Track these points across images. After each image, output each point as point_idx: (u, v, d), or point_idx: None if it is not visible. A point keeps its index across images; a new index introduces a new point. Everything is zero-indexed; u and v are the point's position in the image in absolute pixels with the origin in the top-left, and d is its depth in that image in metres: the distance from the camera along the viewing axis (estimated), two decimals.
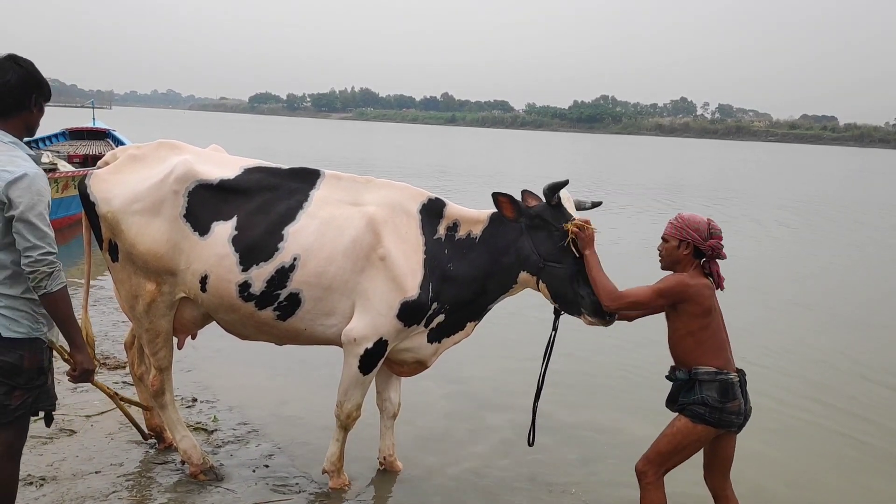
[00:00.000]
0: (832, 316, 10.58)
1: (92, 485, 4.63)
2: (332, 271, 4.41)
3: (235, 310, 4.51)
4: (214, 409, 5.97)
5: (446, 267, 4.51)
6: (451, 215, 4.60)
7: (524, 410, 4.65)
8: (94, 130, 21.35)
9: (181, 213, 4.46)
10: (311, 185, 4.62)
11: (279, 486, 4.84)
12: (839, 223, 21.62)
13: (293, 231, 4.43)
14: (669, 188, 31.39)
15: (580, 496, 4.98)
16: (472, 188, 25.29)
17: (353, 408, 4.66)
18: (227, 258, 4.42)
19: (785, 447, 5.98)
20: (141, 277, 4.54)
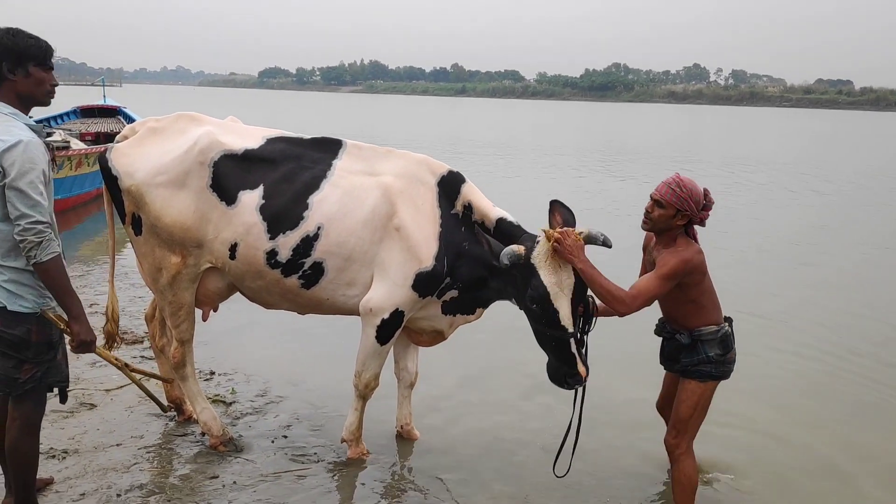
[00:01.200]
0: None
1: (113, 457, 4.69)
2: (352, 241, 4.45)
3: (262, 276, 4.55)
4: (232, 381, 6.01)
5: (461, 245, 4.52)
6: (466, 195, 4.57)
7: (541, 381, 4.64)
8: (105, 108, 21.32)
9: (207, 184, 4.48)
10: (334, 154, 4.65)
11: (298, 455, 4.89)
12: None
13: (317, 200, 4.47)
14: (682, 156, 31.12)
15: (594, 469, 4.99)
16: (482, 159, 25.17)
17: (371, 378, 4.70)
18: (255, 227, 4.46)
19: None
20: (165, 250, 4.56)
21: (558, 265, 4.06)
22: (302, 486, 4.51)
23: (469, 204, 4.56)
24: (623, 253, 5.25)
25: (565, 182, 20.13)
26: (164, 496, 4.28)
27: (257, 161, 4.56)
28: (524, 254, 4.10)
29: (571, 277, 4.07)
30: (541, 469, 4.84)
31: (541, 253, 4.07)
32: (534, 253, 4.09)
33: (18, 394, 3.55)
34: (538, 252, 4.08)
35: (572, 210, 4.35)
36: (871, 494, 4.81)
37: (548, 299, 4.06)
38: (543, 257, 4.06)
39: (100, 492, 4.27)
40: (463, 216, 4.56)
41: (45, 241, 3.34)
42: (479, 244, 4.51)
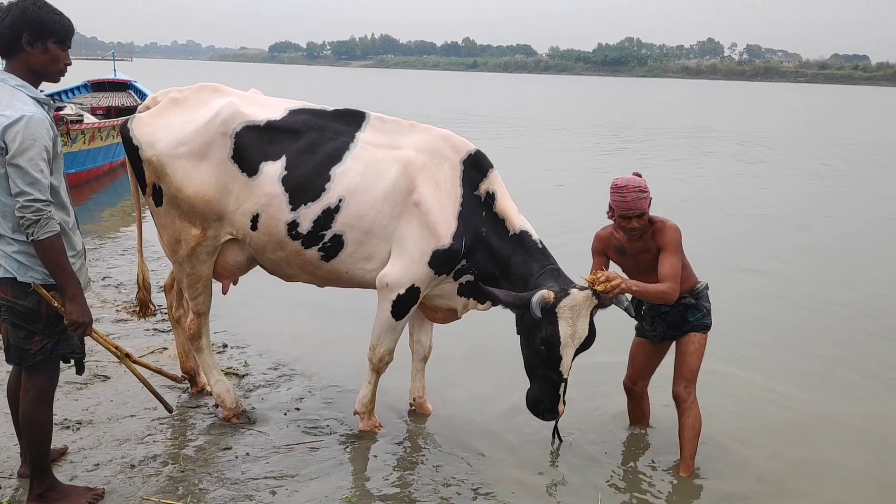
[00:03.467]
0: None
1: (127, 428, 4.71)
2: (372, 215, 4.42)
3: (283, 247, 4.53)
4: (245, 354, 6.02)
5: (480, 229, 4.49)
6: (492, 182, 4.55)
7: None
8: (116, 82, 21.30)
9: (229, 155, 4.45)
10: (357, 126, 4.61)
11: (311, 428, 4.90)
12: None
13: (339, 172, 4.44)
14: (697, 132, 30.87)
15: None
16: (494, 133, 25.02)
17: (386, 352, 4.70)
18: (277, 197, 4.43)
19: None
20: (185, 222, 4.53)
21: (578, 317, 4.17)
22: (314, 458, 4.52)
23: (493, 193, 4.52)
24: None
25: (578, 160, 20.00)
26: (177, 466, 4.30)
27: (280, 132, 4.52)
28: (551, 302, 4.12)
29: (586, 330, 4.23)
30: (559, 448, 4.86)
31: (566, 306, 4.14)
32: (560, 304, 4.14)
33: (30, 364, 3.56)
34: (564, 304, 4.14)
35: None
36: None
37: (557, 347, 4.20)
38: (568, 310, 4.15)
39: (114, 462, 4.30)
40: (485, 202, 4.52)
41: (42, 220, 3.29)
42: (497, 237, 4.48)
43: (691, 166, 19.17)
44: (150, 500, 3.94)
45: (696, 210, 12.75)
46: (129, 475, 4.17)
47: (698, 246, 5.25)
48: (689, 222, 11.47)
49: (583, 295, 4.16)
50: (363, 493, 4.19)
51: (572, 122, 33.14)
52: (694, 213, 12.27)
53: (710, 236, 10.49)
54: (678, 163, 19.70)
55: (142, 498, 3.96)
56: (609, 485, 4.45)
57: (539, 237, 4.54)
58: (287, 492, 4.14)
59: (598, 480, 4.47)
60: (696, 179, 16.84)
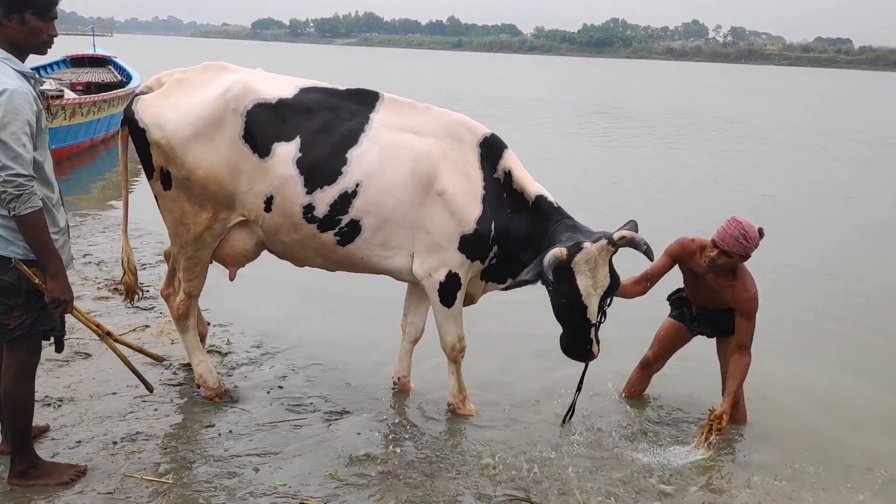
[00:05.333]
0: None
1: (109, 405, 4.70)
2: (390, 203, 4.39)
3: (298, 230, 4.46)
4: (227, 332, 6.01)
5: (505, 211, 4.49)
6: (507, 161, 4.54)
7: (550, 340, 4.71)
8: (96, 57, 20.99)
9: (240, 135, 4.31)
10: (371, 107, 4.54)
11: (294, 406, 4.90)
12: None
13: (356, 155, 4.38)
14: (683, 115, 30.95)
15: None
16: (482, 113, 24.95)
17: (455, 340, 4.74)
18: (291, 180, 4.34)
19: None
20: (195, 205, 4.40)
21: (596, 268, 4.19)
22: (298, 436, 4.53)
23: (510, 171, 4.52)
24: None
25: (564, 143, 20.01)
26: (160, 444, 4.29)
27: (292, 110, 4.39)
28: (565, 259, 4.12)
29: (608, 278, 4.25)
30: (536, 423, 4.90)
31: (581, 260, 4.15)
32: (575, 259, 4.14)
33: (10, 340, 3.53)
34: (579, 258, 4.15)
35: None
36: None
37: (580, 299, 4.22)
38: (584, 263, 4.16)
39: (96, 439, 4.28)
40: (504, 182, 4.52)
41: (24, 195, 3.24)
42: (519, 214, 4.49)
43: (690, 151, 19.24)
44: (132, 477, 3.94)
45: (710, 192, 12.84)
46: (112, 452, 4.17)
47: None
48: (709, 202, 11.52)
49: (597, 246, 4.17)
50: (347, 470, 4.20)
51: (559, 104, 33.08)
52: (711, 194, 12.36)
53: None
54: (670, 146, 19.77)
55: (124, 475, 3.96)
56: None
57: (554, 199, 4.54)
58: (270, 469, 4.15)
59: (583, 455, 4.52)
60: (705, 163, 16.93)
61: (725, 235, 4.45)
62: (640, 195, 12.61)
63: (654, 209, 11.26)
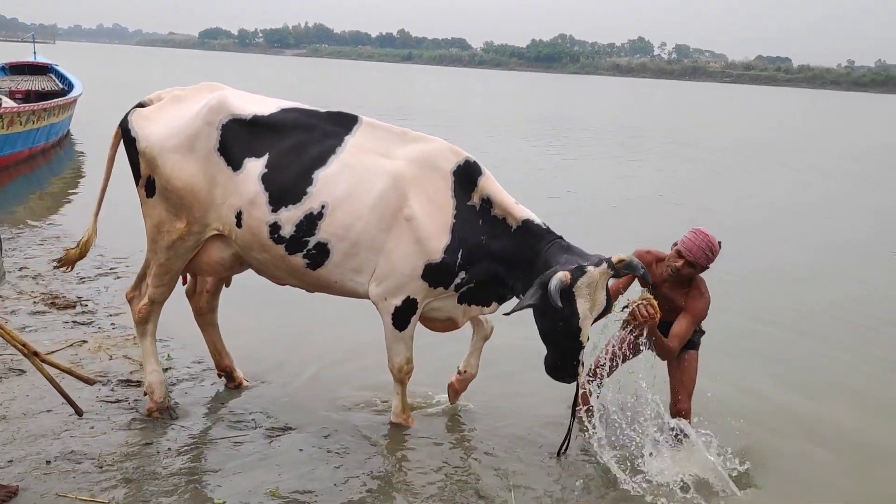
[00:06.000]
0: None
1: (43, 423, 4.58)
2: (359, 226, 4.36)
3: (267, 250, 4.47)
4: (168, 347, 5.90)
5: (479, 238, 4.43)
6: (484, 189, 4.46)
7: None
8: (36, 65, 20.62)
9: (215, 147, 4.44)
10: (347, 130, 4.53)
11: (235, 422, 4.85)
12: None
13: (323, 176, 4.38)
14: (628, 130, 31.50)
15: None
16: (432, 128, 24.99)
17: (403, 362, 4.70)
18: (258, 196, 4.38)
19: None
20: (171, 214, 4.54)
21: (595, 291, 4.16)
22: (238, 453, 4.48)
23: (488, 198, 4.45)
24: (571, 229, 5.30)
25: (518, 156, 20.18)
26: (95, 462, 4.20)
27: (266, 128, 4.47)
28: (569, 283, 4.07)
29: (605, 301, 4.23)
30: (481, 433, 4.92)
31: (584, 284, 4.11)
32: (578, 283, 4.10)
33: None
34: (582, 283, 4.10)
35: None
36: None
37: (577, 322, 4.17)
38: (586, 287, 4.12)
39: (29, 458, 4.18)
40: (481, 209, 4.45)
41: None
42: (498, 239, 4.43)
43: (637, 163, 19.59)
44: (66, 497, 3.85)
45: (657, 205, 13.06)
46: (45, 471, 4.07)
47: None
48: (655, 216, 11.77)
49: (598, 271, 4.13)
50: (288, 487, 4.16)
51: (509, 118, 33.37)
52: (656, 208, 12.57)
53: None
54: (612, 159, 20.11)
55: (57, 494, 3.87)
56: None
57: (541, 220, 4.49)
58: (210, 486, 4.10)
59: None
60: (654, 175, 17.23)
61: (692, 246, 4.54)
62: (581, 207, 12.79)
63: (599, 222, 11.45)
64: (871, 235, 12.54)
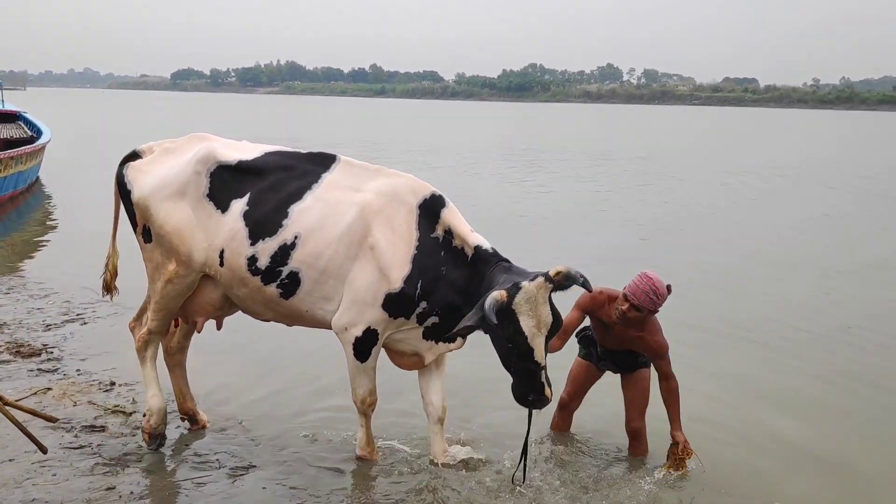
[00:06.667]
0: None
1: (4, 472, 4.61)
2: (327, 254, 4.50)
3: (245, 283, 4.66)
4: (133, 391, 5.92)
5: (440, 269, 4.53)
6: (445, 220, 4.58)
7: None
8: (4, 113, 20.55)
9: (204, 193, 4.72)
10: (325, 168, 4.74)
11: (199, 463, 4.89)
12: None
13: (298, 210, 4.58)
14: (600, 155, 31.88)
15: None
16: (405, 160, 25.18)
17: (366, 394, 4.76)
18: (239, 232, 4.62)
19: None
20: (165, 258, 4.82)
21: (537, 306, 4.18)
22: (201, 493, 4.52)
23: (449, 229, 4.58)
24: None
25: (492, 185, 20.38)
26: None
27: (249, 171, 4.74)
28: (506, 301, 4.13)
29: (550, 316, 4.26)
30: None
31: (521, 300, 4.14)
32: (515, 300, 4.14)
33: None
34: (519, 299, 4.14)
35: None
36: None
37: (525, 341, 4.19)
38: (524, 303, 4.16)
39: None
40: (444, 240, 4.57)
41: None
42: (458, 269, 4.53)
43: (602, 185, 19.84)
44: None
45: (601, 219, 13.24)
46: None
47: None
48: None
49: (535, 284, 4.16)
50: None
51: (483, 148, 33.67)
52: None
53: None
54: (586, 181, 20.36)
55: None
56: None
57: (490, 245, 4.56)
58: None
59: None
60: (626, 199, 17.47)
61: (637, 290, 4.66)
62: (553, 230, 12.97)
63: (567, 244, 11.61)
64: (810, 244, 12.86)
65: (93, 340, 7.05)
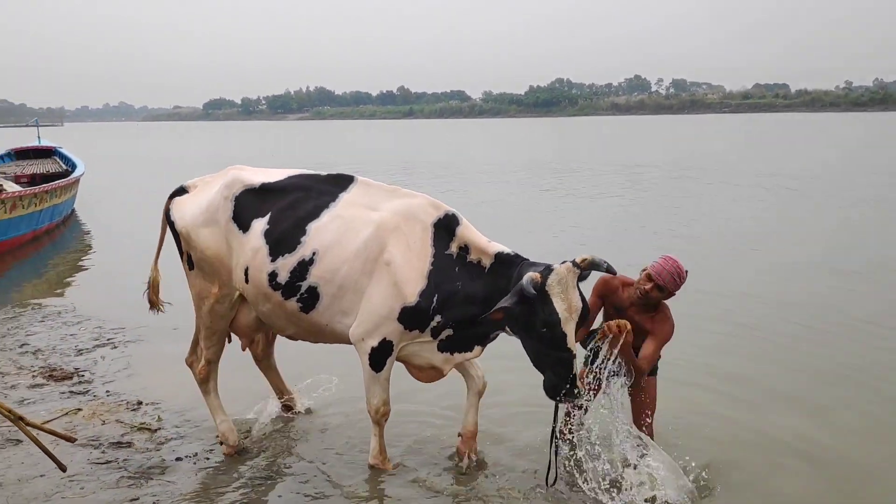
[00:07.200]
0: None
1: (36, 488, 4.87)
2: (344, 270, 4.75)
3: (268, 299, 4.95)
4: (159, 409, 6.18)
5: (455, 284, 4.71)
6: (461, 237, 4.78)
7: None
8: (40, 149, 21.28)
9: (230, 217, 5.06)
10: (343, 188, 5.02)
11: (219, 474, 5.11)
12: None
13: (315, 227, 4.86)
14: (628, 168, 31.87)
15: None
16: (436, 181, 25.42)
17: (380, 403, 4.95)
18: (260, 250, 4.91)
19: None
20: (207, 281, 5.20)
21: (567, 289, 4.38)
22: (220, 502, 4.73)
23: (465, 245, 4.77)
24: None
25: (522, 202, 20.53)
26: None
27: (271, 192, 5.07)
28: (539, 282, 4.33)
29: (580, 302, 4.43)
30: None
31: (554, 281, 4.34)
32: (548, 281, 4.33)
33: None
34: (552, 280, 4.34)
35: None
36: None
37: (558, 324, 4.34)
38: (557, 284, 4.34)
39: None
40: (458, 257, 4.76)
41: None
42: (474, 282, 4.71)
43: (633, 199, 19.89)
44: None
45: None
46: None
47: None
48: None
49: (564, 268, 4.36)
50: None
51: (511, 166, 33.86)
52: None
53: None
54: (613, 197, 20.43)
55: None
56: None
57: (511, 250, 4.75)
58: None
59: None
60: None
61: (662, 271, 4.79)
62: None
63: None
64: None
65: (121, 363, 7.35)
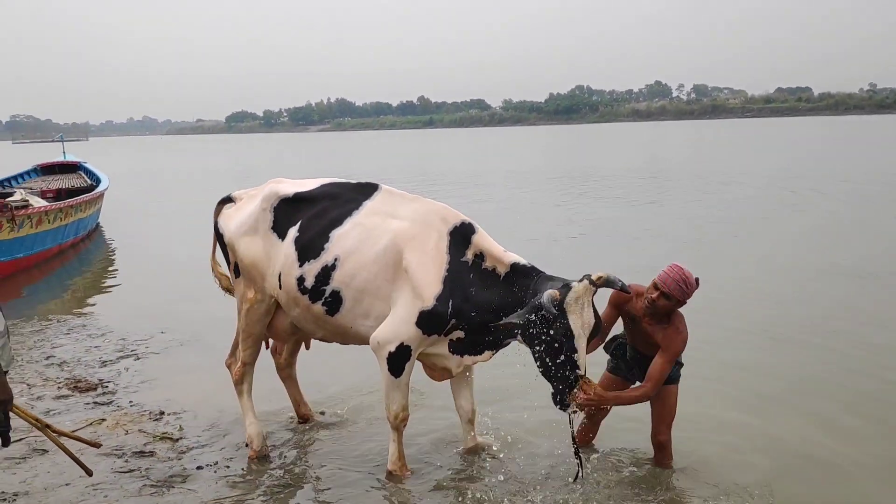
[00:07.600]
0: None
1: (62, 496, 4.98)
2: (363, 274, 4.94)
3: (297, 303, 5.18)
4: (180, 419, 6.30)
5: (469, 290, 4.82)
6: (477, 245, 4.90)
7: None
8: (65, 164, 21.61)
9: (270, 226, 5.36)
10: (368, 196, 5.20)
11: (239, 482, 5.20)
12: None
13: (338, 235, 5.06)
14: (652, 174, 31.79)
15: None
16: (455, 189, 25.53)
17: (399, 409, 5.05)
18: (290, 256, 5.18)
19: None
20: (247, 287, 5.51)
21: (583, 307, 4.47)
22: None
23: (481, 252, 4.89)
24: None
25: (541, 210, 20.56)
26: None
27: (303, 200, 5.34)
28: (559, 299, 4.42)
29: (592, 318, 4.53)
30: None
31: (571, 300, 4.43)
32: (566, 299, 4.42)
33: None
34: (570, 298, 4.42)
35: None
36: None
37: (573, 341, 4.44)
38: (574, 303, 4.43)
39: None
40: (473, 264, 4.88)
41: None
42: (488, 289, 4.82)
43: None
44: None
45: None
46: None
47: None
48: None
49: (582, 286, 4.46)
50: None
51: (529, 173, 33.89)
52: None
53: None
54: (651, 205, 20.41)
55: None
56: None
57: (528, 261, 4.86)
58: None
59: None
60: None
61: (667, 279, 4.79)
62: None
63: None
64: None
65: (145, 374, 7.49)
